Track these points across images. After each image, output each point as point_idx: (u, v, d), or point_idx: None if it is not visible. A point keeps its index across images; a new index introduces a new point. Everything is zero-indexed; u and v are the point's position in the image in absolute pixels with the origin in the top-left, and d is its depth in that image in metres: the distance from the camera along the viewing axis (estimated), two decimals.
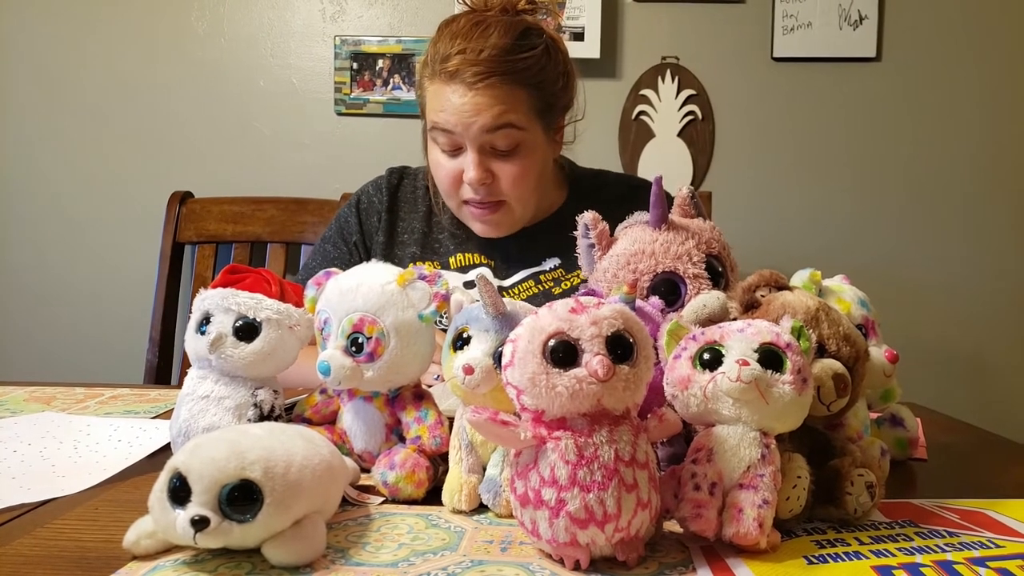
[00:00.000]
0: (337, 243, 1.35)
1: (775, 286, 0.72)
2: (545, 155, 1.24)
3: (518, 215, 1.24)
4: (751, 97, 2.03)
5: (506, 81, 1.13)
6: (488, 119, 1.13)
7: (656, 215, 0.79)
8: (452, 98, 1.13)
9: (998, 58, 2.00)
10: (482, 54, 1.12)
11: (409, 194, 1.37)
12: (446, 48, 1.14)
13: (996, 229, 2.03)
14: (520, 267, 1.28)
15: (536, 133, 1.19)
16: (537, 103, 1.17)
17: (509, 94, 1.14)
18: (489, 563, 0.59)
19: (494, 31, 1.14)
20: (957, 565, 0.58)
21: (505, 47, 1.13)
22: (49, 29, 2.10)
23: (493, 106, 1.13)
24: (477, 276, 0.69)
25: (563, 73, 1.22)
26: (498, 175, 1.18)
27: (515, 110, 1.14)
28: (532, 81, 1.16)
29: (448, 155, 1.19)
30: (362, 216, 1.36)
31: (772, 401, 0.60)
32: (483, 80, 1.12)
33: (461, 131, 1.14)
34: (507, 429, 0.58)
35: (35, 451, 0.86)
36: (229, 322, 0.75)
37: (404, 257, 1.31)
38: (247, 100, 2.09)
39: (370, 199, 1.37)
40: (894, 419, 0.87)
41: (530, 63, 1.15)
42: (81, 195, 2.12)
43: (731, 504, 0.59)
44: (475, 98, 1.12)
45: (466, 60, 1.12)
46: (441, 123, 1.15)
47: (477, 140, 1.15)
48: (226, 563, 0.58)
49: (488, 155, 1.17)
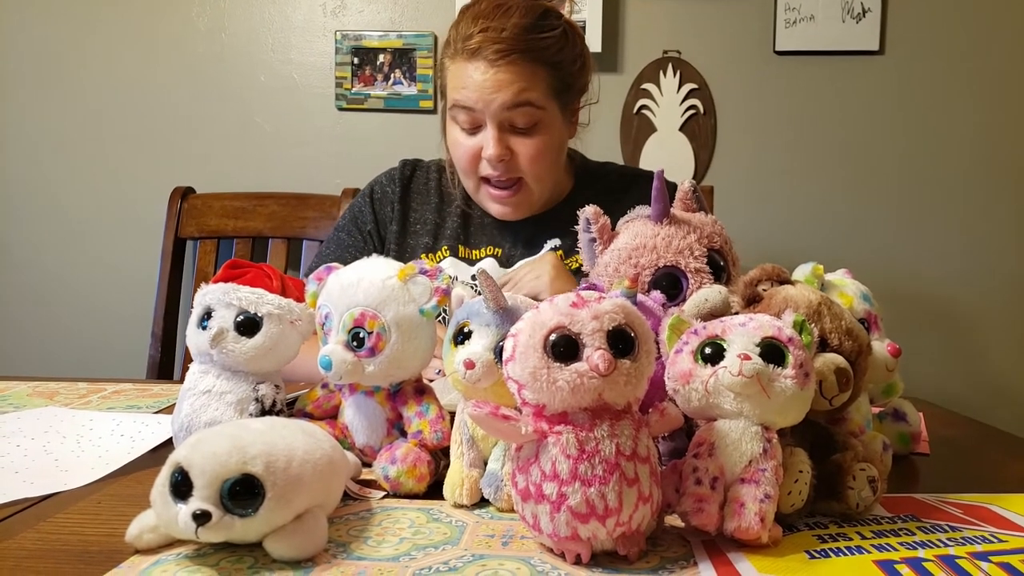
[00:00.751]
0: (352, 232, 1.37)
1: (777, 280, 0.72)
2: (562, 135, 1.27)
3: (536, 195, 1.26)
4: (753, 91, 2.03)
5: (527, 59, 1.16)
6: (509, 96, 1.16)
7: (658, 209, 0.79)
8: (474, 75, 1.16)
9: (1001, 51, 1.99)
10: (504, 32, 1.15)
11: (422, 185, 1.39)
12: (468, 28, 1.17)
13: (998, 223, 2.02)
14: (526, 254, 1.30)
15: (554, 112, 1.22)
16: (555, 83, 1.20)
17: (530, 72, 1.16)
18: (490, 557, 0.59)
19: (515, 12, 1.18)
20: (960, 560, 0.57)
21: (526, 26, 1.16)
22: (50, 26, 2.09)
23: (514, 83, 1.15)
24: (477, 270, 0.69)
25: (580, 55, 1.25)
26: (517, 152, 1.20)
27: (535, 88, 1.17)
28: (551, 61, 1.19)
29: (467, 133, 1.21)
30: (376, 206, 1.38)
31: (774, 395, 0.60)
32: (504, 57, 1.15)
33: (482, 107, 1.17)
34: (508, 423, 0.58)
35: (38, 446, 0.86)
36: (230, 317, 0.75)
37: (417, 247, 1.33)
38: (248, 95, 2.09)
39: (383, 189, 1.39)
40: (896, 413, 0.87)
41: (549, 43, 1.18)
42: (83, 191, 2.12)
43: (733, 498, 0.59)
44: (496, 75, 1.15)
45: (488, 38, 1.15)
46: (462, 100, 1.18)
47: (497, 116, 1.17)
48: (228, 557, 0.58)
49: (507, 132, 1.20)
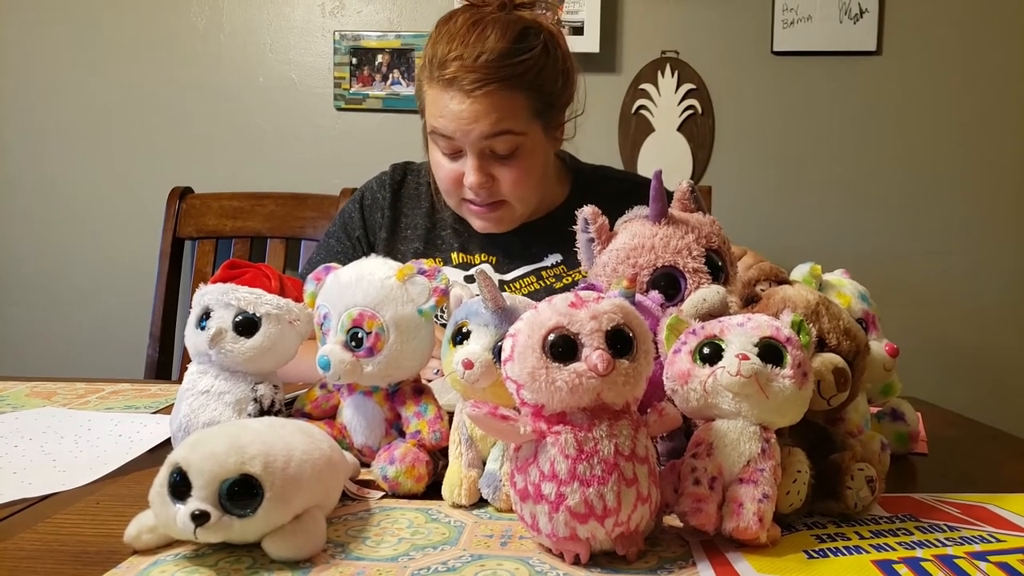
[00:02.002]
0: (341, 238, 1.36)
1: (775, 280, 0.72)
2: (546, 154, 1.24)
3: (519, 213, 1.24)
4: (751, 91, 2.03)
5: (504, 87, 1.11)
6: (486, 127, 1.12)
7: (656, 209, 0.79)
8: (450, 105, 1.12)
9: (998, 51, 2.00)
10: (479, 60, 1.10)
11: (412, 190, 1.37)
12: (443, 51, 1.13)
13: (995, 223, 2.03)
14: (522, 263, 1.28)
15: (535, 134, 1.18)
16: (536, 104, 1.16)
17: (507, 100, 1.12)
18: (489, 557, 0.59)
19: (491, 33, 1.12)
20: (958, 559, 0.58)
21: (502, 51, 1.11)
22: (49, 26, 2.09)
23: (491, 113, 1.11)
24: (477, 271, 0.69)
25: (562, 71, 1.20)
26: (498, 178, 1.17)
27: (513, 116, 1.14)
28: (531, 84, 1.14)
29: (448, 157, 1.18)
30: (365, 212, 1.36)
31: (772, 395, 0.60)
32: (481, 87, 1.10)
33: (460, 137, 1.14)
34: (507, 424, 0.58)
35: (36, 446, 0.86)
36: (229, 317, 0.75)
37: (407, 252, 1.31)
38: (246, 95, 2.09)
39: (374, 195, 1.37)
40: (894, 413, 0.87)
41: (528, 65, 1.13)
42: (81, 191, 2.12)
43: (731, 498, 0.59)
44: (473, 105, 1.11)
45: (463, 67, 1.10)
46: (440, 128, 1.15)
47: (476, 146, 1.14)
48: (226, 557, 0.58)
49: (488, 159, 1.16)
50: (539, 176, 1.23)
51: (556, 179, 1.33)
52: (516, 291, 1.26)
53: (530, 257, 1.28)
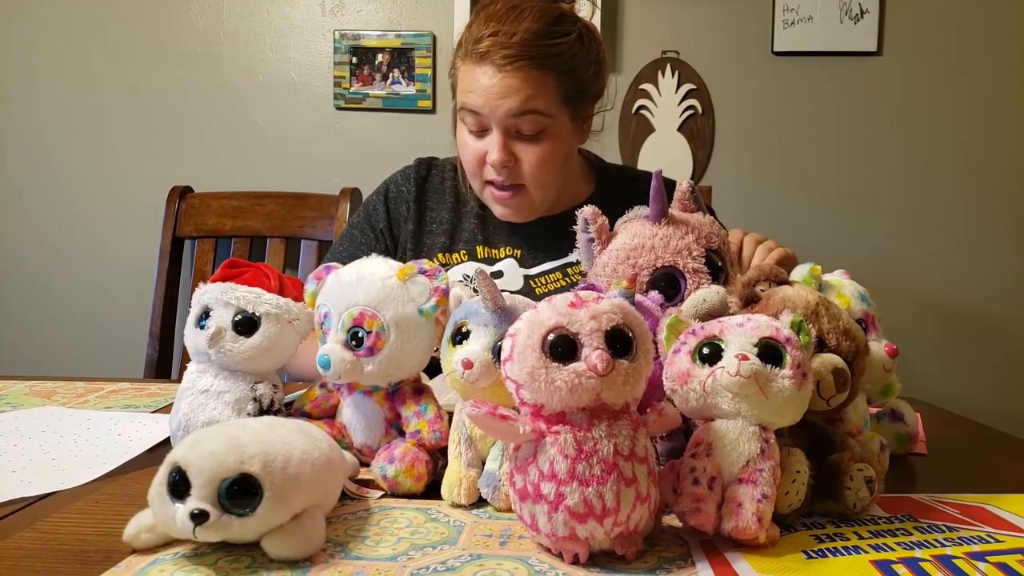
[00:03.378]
0: (364, 229, 1.37)
1: (775, 281, 0.72)
2: (570, 143, 1.26)
3: (537, 202, 1.25)
4: (751, 91, 2.03)
5: (536, 65, 1.14)
6: (515, 103, 1.14)
7: (656, 209, 0.79)
8: (481, 79, 1.15)
9: (999, 52, 2.00)
10: (514, 37, 1.13)
11: (437, 184, 1.38)
12: (479, 30, 1.16)
13: (995, 223, 2.03)
14: (547, 258, 1.29)
15: (563, 120, 1.20)
16: (566, 90, 1.18)
17: (538, 79, 1.15)
18: (488, 557, 0.59)
19: (528, 16, 1.15)
20: (956, 560, 0.58)
21: (538, 31, 1.14)
22: (48, 25, 2.09)
23: (521, 90, 1.14)
24: (476, 270, 0.69)
25: (595, 61, 1.23)
26: (521, 158, 1.19)
27: (543, 96, 1.15)
28: (562, 67, 1.16)
29: (475, 135, 1.20)
30: (390, 204, 1.37)
31: (771, 396, 0.60)
32: (513, 63, 1.13)
33: (488, 112, 1.16)
34: (506, 423, 0.58)
35: (35, 445, 0.86)
36: (228, 316, 0.75)
37: (433, 246, 1.32)
38: (246, 95, 2.09)
39: (399, 188, 1.38)
40: (894, 414, 0.87)
41: (562, 49, 1.16)
42: (81, 190, 2.11)
43: (730, 498, 0.59)
44: (504, 80, 1.13)
45: (497, 42, 1.13)
46: (469, 104, 1.17)
47: (503, 123, 1.16)
48: (225, 557, 0.58)
49: (513, 138, 1.18)
50: (561, 163, 1.24)
51: (581, 176, 1.35)
52: (541, 287, 1.27)
53: (555, 252, 1.29)
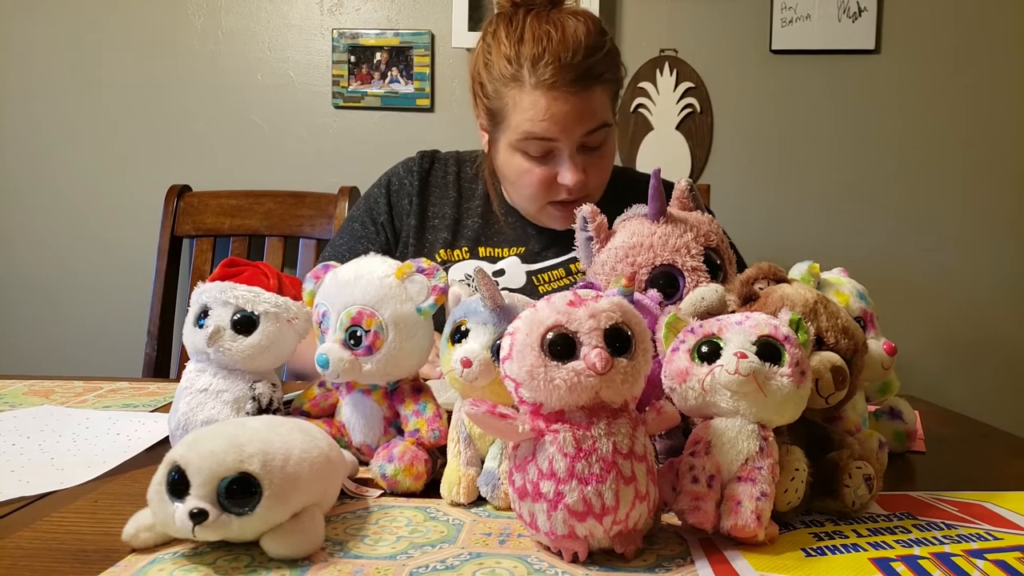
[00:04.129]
0: (365, 222, 1.35)
1: (773, 279, 0.72)
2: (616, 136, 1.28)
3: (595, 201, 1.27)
4: (749, 90, 2.03)
5: (599, 83, 1.15)
6: (590, 123, 1.15)
7: (654, 208, 0.79)
8: (553, 106, 1.12)
9: (997, 50, 2.00)
10: (575, 58, 1.12)
11: (440, 179, 1.37)
12: (531, 52, 1.13)
13: (993, 221, 2.03)
14: (551, 254, 1.29)
15: (613, 123, 1.22)
16: (613, 93, 1.21)
17: (601, 94, 1.16)
18: (487, 555, 0.59)
19: (573, 29, 1.14)
20: (955, 557, 0.58)
21: (591, 46, 1.13)
22: (46, 25, 2.09)
23: (595, 111, 1.15)
24: (475, 269, 0.69)
25: (620, 60, 1.24)
26: (589, 172, 1.19)
27: (605, 108, 1.17)
28: (611, 76, 1.18)
29: (538, 161, 1.18)
30: (392, 197, 1.35)
31: (770, 394, 0.60)
32: (584, 87, 1.12)
33: (564, 137, 1.15)
34: (505, 422, 0.58)
35: (34, 444, 0.86)
36: (227, 315, 0.75)
37: (435, 242, 1.31)
38: (244, 93, 2.08)
39: (401, 181, 1.36)
40: (892, 412, 0.87)
41: (612, 53, 1.18)
42: (79, 189, 2.11)
43: (729, 497, 0.59)
44: (578, 105, 1.13)
45: (562, 67, 1.11)
46: (540, 132, 1.15)
47: (575, 144, 1.16)
48: (225, 556, 0.58)
49: (580, 154, 1.18)
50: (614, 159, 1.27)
51: None
52: (544, 284, 1.26)
53: (559, 249, 1.28)
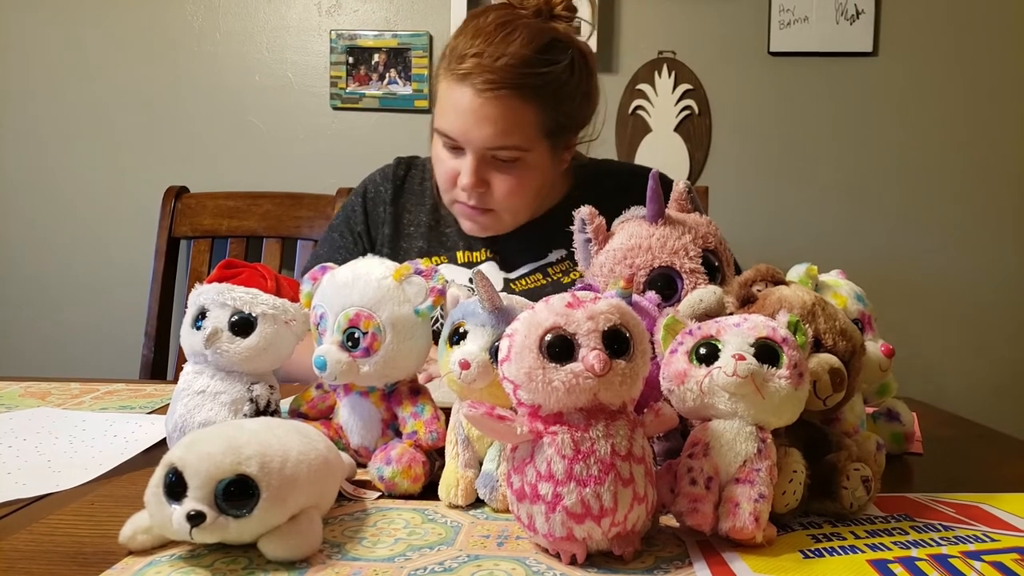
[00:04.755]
0: (343, 232, 1.34)
1: (771, 281, 0.72)
2: (546, 172, 1.19)
3: (506, 224, 1.21)
4: (748, 92, 2.03)
5: (517, 95, 1.07)
6: (490, 134, 1.08)
7: (653, 210, 0.79)
8: (459, 101, 1.08)
9: (994, 52, 2.00)
10: (499, 60, 1.06)
11: (416, 186, 1.33)
12: (464, 45, 1.08)
13: (991, 223, 2.03)
14: (526, 260, 1.27)
15: (541, 152, 1.14)
16: (547, 122, 1.12)
17: (517, 110, 1.08)
18: (485, 558, 0.59)
19: (518, 37, 1.07)
20: (952, 559, 0.58)
21: (524, 58, 1.06)
22: (45, 25, 2.09)
23: (498, 121, 1.07)
24: (474, 271, 0.69)
25: (584, 93, 1.16)
26: (493, 185, 1.14)
27: (520, 128, 1.09)
28: (547, 98, 1.10)
29: (450, 152, 1.15)
30: (368, 206, 1.33)
31: (768, 396, 0.60)
32: (494, 89, 1.06)
33: (462, 140, 1.10)
34: (503, 424, 0.58)
35: (30, 446, 0.86)
36: (225, 317, 0.75)
37: (410, 250, 1.29)
38: (243, 95, 2.08)
39: (376, 188, 1.34)
40: (890, 413, 0.87)
41: (548, 79, 1.09)
42: (76, 190, 2.11)
43: (727, 498, 0.59)
44: (482, 107, 1.07)
45: (480, 64, 1.06)
46: (443, 127, 1.12)
47: (478, 151, 1.11)
48: (222, 558, 0.58)
49: (487, 163, 1.13)
50: (535, 191, 1.19)
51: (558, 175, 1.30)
52: (523, 288, 1.25)
53: (534, 254, 1.26)
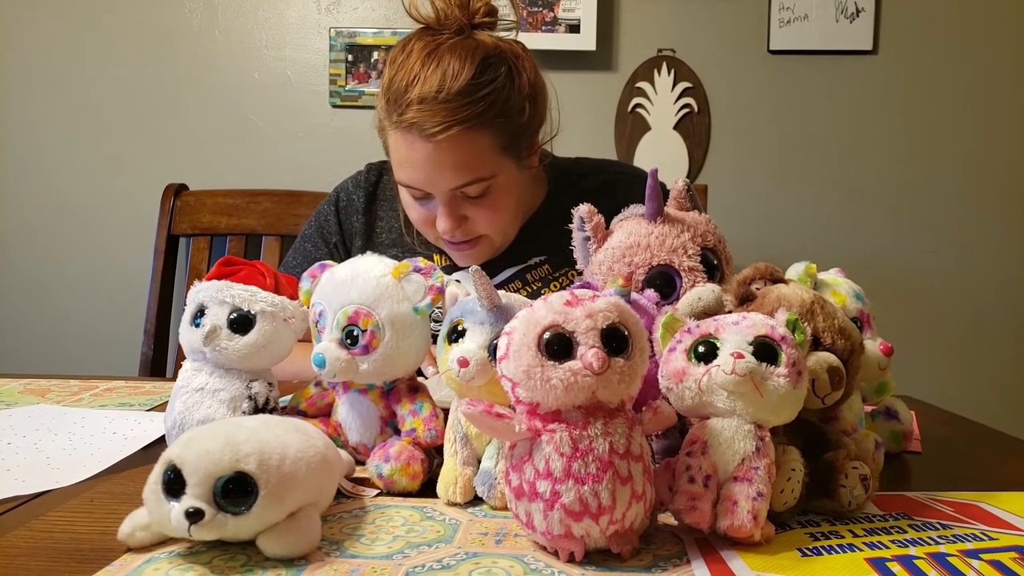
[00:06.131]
0: (317, 243, 1.31)
1: (770, 279, 0.72)
2: (519, 184, 1.16)
3: (499, 243, 1.20)
4: (747, 90, 2.03)
5: (466, 129, 1.03)
6: (453, 177, 1.06)
7: (652, 208, 0.79)
8: (412, 154, 1.05)
9: (995, 51, 2.00)
10: (439, 99, 1.02)
11: (389, 192, 1.30)
12: (399, 89, 1.04)
13: (991, 222, 2.03)
14: (505, 265, 1.24)
15: (507, 170, 1.11)
16: (503, 140, 1.09)
17: (472, 143, 1.05)
18: (484, 555, 0.59)
19: (449, 66, 1.03)
20: (950, 557, 0.58)
21: (461, 89, 1.02)
22: (45, 22, 2.08)
23: (456, 162, 1.04)
24: (472, 269, 0.69)
25: (528, 97, 1.11)
26: (472, 218, 1.12)
27: (479, 160, 1.06)
28: (495, 118, 1.06)
29: (418, 201, 1.13)
30: (341, 215, 1.30)
31: (767, 394, 0.60)
32: (443, 131, 1.02)
33: (427, 188, 1.08)
34: (502, 422, 0.58)
35: (30, 443, 0.86)
36: (224, 315, 0.75)
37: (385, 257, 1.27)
38: (242, 93, 2.08)
39: (349, 197, 1.31)
40: (888, 412, 0.87)
41: (491, 100, 1.05)
42: (75, 188, 2.11)
43: (725, 497, 0.59)
44: (437, 153, 1.03)
45: (422, 111, 1.02)
46: (404, 180, 1.09)
47: (445, 194, 1.08)
48: (221, 555, 0.58)
49: (459, 201, 1.09)
50: (515, 206, 1.17)
51: (534, 181, 1.26)
52: None
53: (512, 259, 1.24)
